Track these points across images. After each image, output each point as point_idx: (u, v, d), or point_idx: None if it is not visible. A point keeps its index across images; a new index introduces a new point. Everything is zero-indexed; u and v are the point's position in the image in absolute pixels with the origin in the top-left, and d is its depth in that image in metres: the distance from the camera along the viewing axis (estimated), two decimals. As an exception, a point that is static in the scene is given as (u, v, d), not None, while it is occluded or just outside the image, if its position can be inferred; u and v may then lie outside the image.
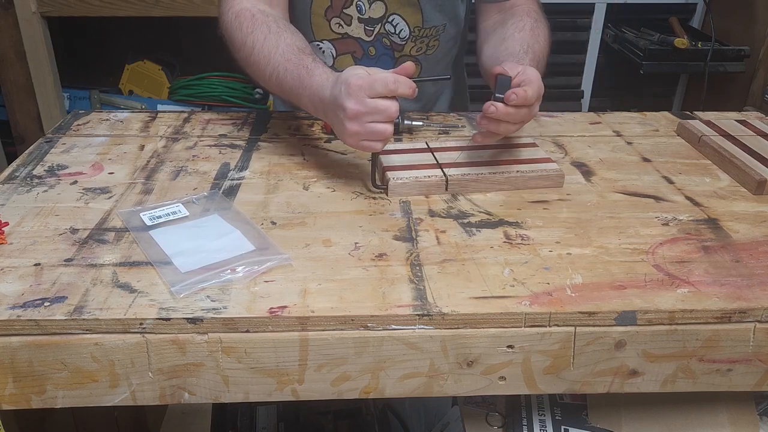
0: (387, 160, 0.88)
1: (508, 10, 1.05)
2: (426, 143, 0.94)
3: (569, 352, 0.64)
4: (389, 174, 0.85)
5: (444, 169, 0.86)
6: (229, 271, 0.67)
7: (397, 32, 1.06)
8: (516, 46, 0.95)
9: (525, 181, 0.86)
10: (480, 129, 0.82)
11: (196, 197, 0.82)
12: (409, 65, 0.78)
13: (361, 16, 1.05)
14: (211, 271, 0.67)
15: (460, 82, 1.26)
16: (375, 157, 0.86)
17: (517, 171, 0.86)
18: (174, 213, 0.78)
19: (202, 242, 0.72)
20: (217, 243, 0.72)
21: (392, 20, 1.06)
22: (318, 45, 1.08)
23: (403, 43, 1.08)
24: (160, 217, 0.77)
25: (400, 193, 0.84)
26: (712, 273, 0.68)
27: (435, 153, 0.90)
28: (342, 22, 1.05)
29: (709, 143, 0.96)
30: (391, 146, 0.94)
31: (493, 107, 0.79)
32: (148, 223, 0.75)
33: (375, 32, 1.06)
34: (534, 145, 0.94)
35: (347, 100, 0.76)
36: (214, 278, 0.66)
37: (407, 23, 1.06)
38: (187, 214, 0.78)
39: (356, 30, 1.06)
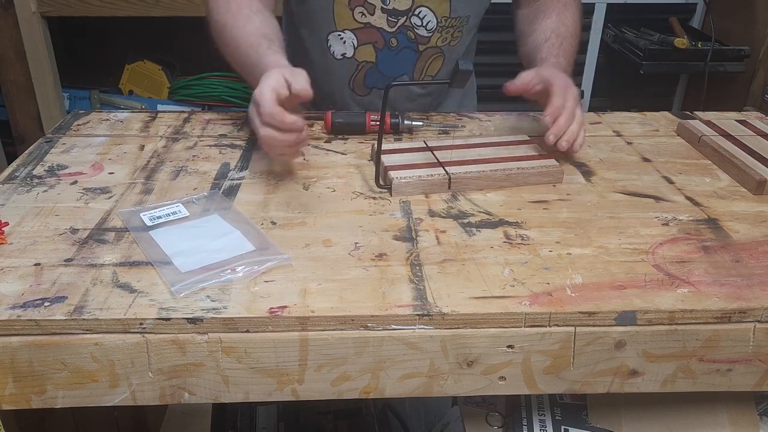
0: (388, 159, 0.88)
1: None
2: (424, 142, 0.94)
3: (569, 352, 0.64)
4: (392, 173, 0.85)
5: (446, 168, 0.86)
6: (229, 271, 0.67)
7: (424, 24, 1.07)
8: (539, 38, 1.04)
9: (526, 177, 0.86)
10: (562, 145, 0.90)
11: (196, 197, 0.82)
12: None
13: (384, 6, 1.05)
14: (211, 271, 0.67)
15: (471, 80, 1.27)
16: (378, 157, 0.86)
17: (518, 168, 0.86)
18: (174, 213, 0.78)
19: (203, 242, 0.72)
20: (218, 243, 0.72)
21: (419, 12, 1.06)
22: (339, 35, 1.08)
23: (430, 34, 1.08)
24: (160, 217, 0.77)
25: (403, 192, 0.84)
26: (712, 273, 0.68)
27: (434, 152, 0.90)
28: (365, 11, 1.06)
29: (709, 143, 0.96)
30: (391, 146, 0.94)
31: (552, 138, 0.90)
32: (148, 223, 0.75)
33: (398, 24, 1.07)
34: (532, 142, 0.95)
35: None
36: (214, 278, 0.66)
37: (435, 14, 1.07)
38: (188, 214, 0.78)
39: (379, 20, 1.07)
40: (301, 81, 0.79)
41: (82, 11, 1.89)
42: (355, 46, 1.09)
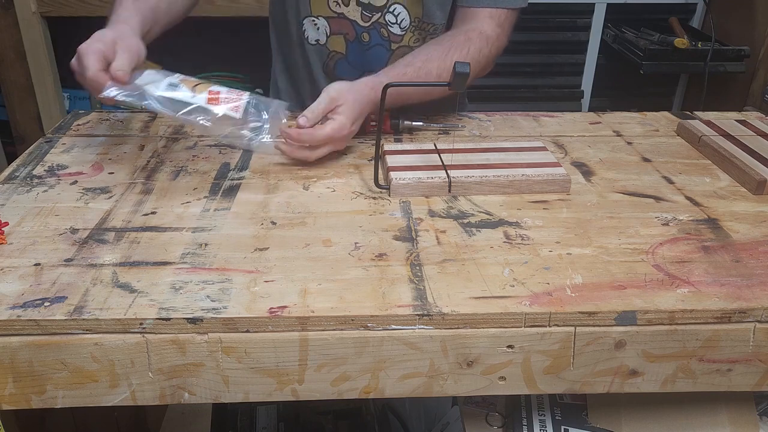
0: (392, 160, 0.88)
1: (465, 23, 1.04)
2: (434, 144, 0.94)
3: (569, 352, 0.64)
4: (392, 174, 0.84)
5: (448, 171, 0.85)
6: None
7: (398, 21, 1.06)
8: (407, 57, 0.99)
9: (530, 185, 0.84)
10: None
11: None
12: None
13: (360, 0, 1.05)
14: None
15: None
16: (377, 157, 0.86)
17: (523, 174, 0.84)
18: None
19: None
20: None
21: (393, 9, 1.06)
22: (313, 20, 1.08)
23: (403, 33, 1.08)
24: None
25: (402, 193, 0.84)
26: (712, 273, 0.68)
27: (441, 154, 0.90)
28: (339, 2, 1.06)
29: (709, 143, 0.96)
30: (398, 146, 0.94)
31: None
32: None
33: (372, 20, 1.06)
34: (543, 149, 0.92)
35: None
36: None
37: (409, 12, 1.06)
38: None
39: (353, 12, 1.07)
40: (121, 61, 0.80)
41: (82, 11, 1.89)
42: (328, 34, 1.09)
